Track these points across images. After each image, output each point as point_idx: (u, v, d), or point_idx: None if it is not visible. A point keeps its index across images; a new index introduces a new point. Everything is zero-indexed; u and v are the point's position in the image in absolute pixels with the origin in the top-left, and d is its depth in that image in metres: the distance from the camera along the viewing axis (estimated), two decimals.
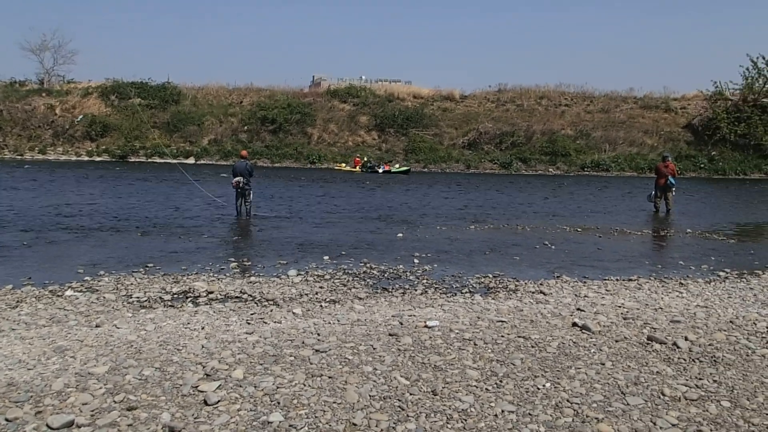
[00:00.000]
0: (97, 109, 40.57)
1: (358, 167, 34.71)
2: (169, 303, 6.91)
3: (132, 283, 7.80)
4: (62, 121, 39.79)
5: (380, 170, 33.27)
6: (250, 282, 8.04)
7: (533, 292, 7.68)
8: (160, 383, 4.37)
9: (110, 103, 41.16)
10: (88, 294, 7.19)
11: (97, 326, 5.84)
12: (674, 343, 5.46)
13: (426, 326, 5.85)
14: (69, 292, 7.23)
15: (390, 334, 5.58)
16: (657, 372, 4.79)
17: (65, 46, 49.28)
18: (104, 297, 7.04)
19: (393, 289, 7.82)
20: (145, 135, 38.32)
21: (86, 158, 37.38)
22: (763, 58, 37.09)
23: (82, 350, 5.06)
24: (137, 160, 37.33)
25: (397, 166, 34.36)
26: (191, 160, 36.88)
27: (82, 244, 10.71)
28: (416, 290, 7.77)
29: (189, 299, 7.11)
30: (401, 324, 5.95)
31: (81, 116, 39.64)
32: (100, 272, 8.41)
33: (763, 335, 5.84)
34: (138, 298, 7.08)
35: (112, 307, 6.61)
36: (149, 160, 37.14)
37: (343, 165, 35.85)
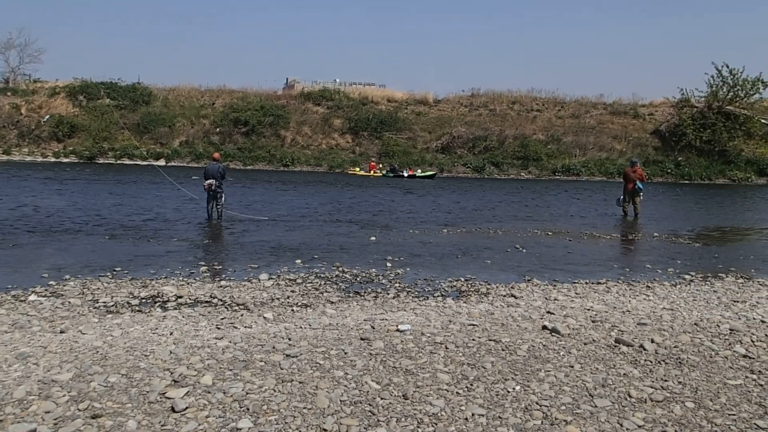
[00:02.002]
0: (65, 110, 39.78)
1: (373, 172, 34.71)
2: (137, 308, 6.80)
3: (98, 288, 7.65)
4: (28, 121, 38.92)
5: (405, 174, 33.43)
6: (221, 286, 7.95)
7: (504, 296, 7.74)
8: (126, 390, 4.29)
9: (78, 103, 40.39)
10: (52, 299, 7.03)
11: (61, 332, 5.71)
12: (641, 346, 5.55)
13: (398, 330, 5.85)
14: (33, 297, 7.06)
15: (362, 339, 5.57)
16: (624, 374, 4.86)
17: (32, 44, 47.88)
18: (69, 302, 6.89)
19: (365, 292, 7.80)
20: (114, 136, 37.70)
21: (53, 159, 36.61)
22: (727, 67, 38.03)
23: (46, 357, 4.94)
24: (106, 161, 36.68)
25: (419, 171, 34.49)
26: (162, 162, 36.33)
27: (48, 248, 10.47)
28: (388, 294, 7.77)
29: (157, 304, 6.99)
30: (373, 328, 5.94)
31: (48, 116, 38.81)
32: (66, 276, 8.23)
33: (726, 337, 5.97)
34: (105, 303, 6.95)
35: (78, 313, 6.48)
36: (118, 161, 36.53)
37: (358, 169, 35.88)
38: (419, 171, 34.48)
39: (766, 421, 4.07)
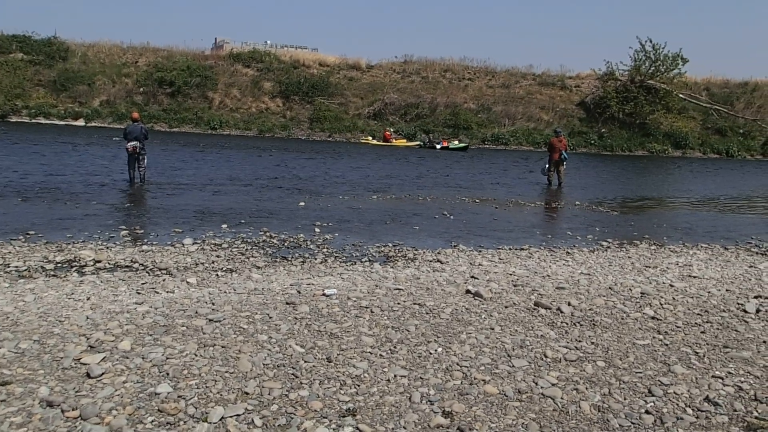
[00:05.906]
0: None
1: (392, 140, 33.93)
2: (52, 272, 6.50)
3: (10, 252, 7.25)
4: None
5: (438, 146, 32.73)
6: (142, 251, 7.70)
7: (431, 261, 7.87)
8: (38, 356, 4.11)
9: None
10: None
11: None
12: (558, 309, 5.79)
13: (324, 295, 5.86)
14: None
15: (287, 303, 5.55)
16: (541, 335, 5.06)
17: None
18: None
19: (292, 258, 7.75)
20: (29, 93, 35.45)
21: None
22: (650, 41, 39.49)
23: None
24: (20, 120, 34.49)
25: (456, 142, 33.80)
26: (81, 122, 34.54)
27: None
28: (316, 259, 7.75)
29: (74, 269, 6.71)
30: (299, 293, 5.93)
31: None
32: None
33: (637, 300, 6.31)
34: (17, 267, 6.60)
35: None
36: (33, 120, 34.43)
37: (370, 138, 35.09)
38: (455, 142, 33.89)
39: (669, 378, 4.35)
